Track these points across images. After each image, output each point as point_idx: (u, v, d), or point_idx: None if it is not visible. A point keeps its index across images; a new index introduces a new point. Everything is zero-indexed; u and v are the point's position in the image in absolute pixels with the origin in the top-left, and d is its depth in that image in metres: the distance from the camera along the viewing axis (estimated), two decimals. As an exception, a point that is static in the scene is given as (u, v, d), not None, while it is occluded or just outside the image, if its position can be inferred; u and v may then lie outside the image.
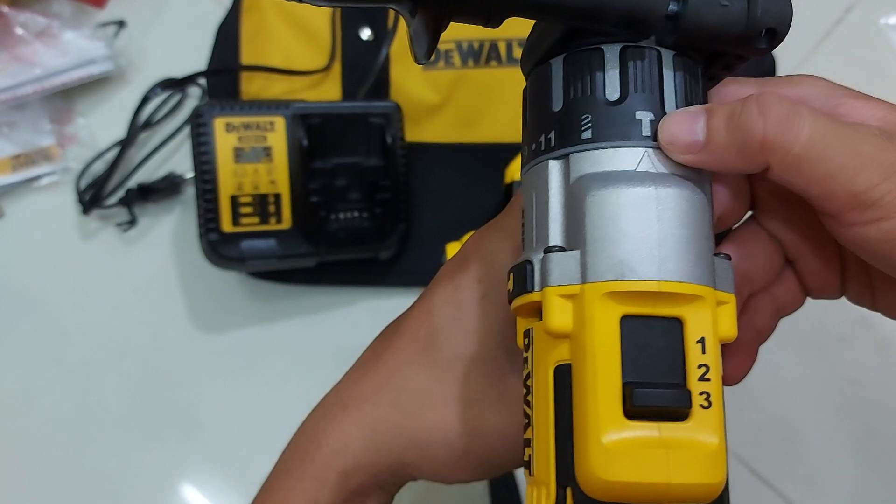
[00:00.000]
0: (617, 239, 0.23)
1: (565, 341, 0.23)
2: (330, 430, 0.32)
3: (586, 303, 0.23)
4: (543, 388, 0.24)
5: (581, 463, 0.22)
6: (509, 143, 0.68)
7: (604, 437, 0.22)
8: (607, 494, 0.22)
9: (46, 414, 0.69)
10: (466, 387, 0.30)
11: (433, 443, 0.30)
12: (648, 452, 0.22)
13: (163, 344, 0.70)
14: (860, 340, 0.66)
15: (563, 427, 0.23)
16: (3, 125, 0.73)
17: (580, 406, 0.22)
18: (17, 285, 0.72)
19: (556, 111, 0.25)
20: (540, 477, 0.24)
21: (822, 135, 0.23)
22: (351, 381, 0.33)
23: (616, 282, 0.22)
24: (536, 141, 0.25)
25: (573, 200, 0.24)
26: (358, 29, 0.69)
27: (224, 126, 0.61)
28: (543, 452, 0.23)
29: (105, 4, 0.77)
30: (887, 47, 0.72)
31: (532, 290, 0.24)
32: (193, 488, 0.67)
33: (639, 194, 0.23)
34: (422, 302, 0.33)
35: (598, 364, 0.22)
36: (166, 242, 0.72)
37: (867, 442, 0.64)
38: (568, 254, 0.23)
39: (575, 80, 0.25)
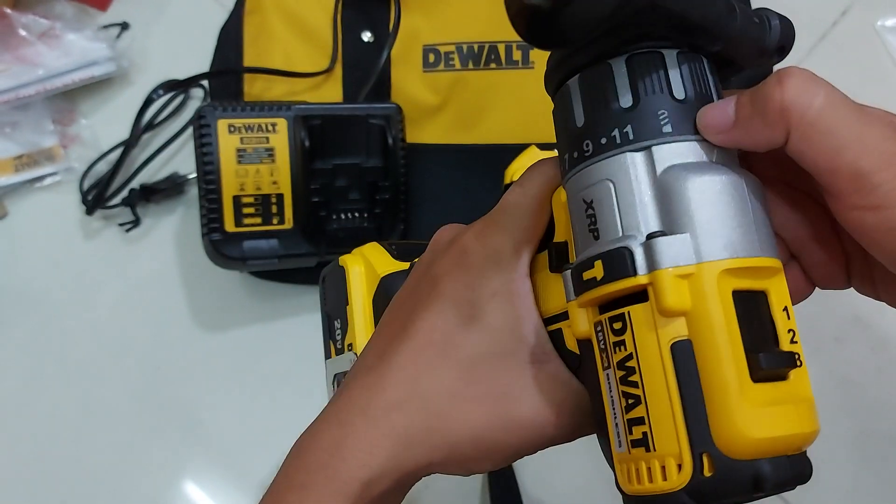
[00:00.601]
0: (724, 221, 0.25)
1: (680, 319, 0.25)
2: (354, 442, 0.31)
3: (706, 281, 0.25)
4: (658, 365, 0.25)
5: (724, 426, 0.24)
6: (508, 145, 0.68)
7: (745, 401, 0.24)
8: (749, 452, 0.24)
9: (49, 412, 0.69)
10: (491, 383, 0.31)
11: (464, 440, 0.31)
12: (780, 409, 0.25)
13: (165, 343, 0.71)
14: (855, 340, 0.67)
15: (692, 399, 0.25)
16: (6, 126, 0.73)
17: (713, 376, 0.24)
18: (20, 284, 0.72)
19: (625, 107, 0.27)
20: (667, 448, 0.25)
21: (835, 107, 0.24)
22: (366, 389, 0.32)
23: (731, 259, 0.25)
24: (607, 135, 0.27)
25: (667, 188, 0.26)
26: (359, 31, 0.70)
27: (227, 127, 0.62)
28: (668, 425, 0.25)
29: (108, 6, 0.77)
30: (883, 49, 0.72)
31: (635, 274, 0.25)
32: (194, 485, 0.68)
33: (733, 181, 0.26)
34: (428, 303, 0.32)
35: (725, 336, 0.24)
36: (169, 242, 0.72)
37: (862, 441, 0.65)
38: (677, 237, 0.25)
39: (643, 78, 0.27)
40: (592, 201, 0.27)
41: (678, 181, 0.25)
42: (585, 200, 0.28)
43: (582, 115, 0.28)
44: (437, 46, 0.69)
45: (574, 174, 0.28)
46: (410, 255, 0.51)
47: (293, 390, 0.68)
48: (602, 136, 0.27)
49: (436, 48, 0.69)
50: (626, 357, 0.26)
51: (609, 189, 0.27)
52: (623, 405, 0.26)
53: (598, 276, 0.26)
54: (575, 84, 0.28)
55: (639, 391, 0.26)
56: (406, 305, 0.34)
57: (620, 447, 0.27)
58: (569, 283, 0.28)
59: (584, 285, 0.27)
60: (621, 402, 0.26)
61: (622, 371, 0.26)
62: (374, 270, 0.49)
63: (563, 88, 0.29)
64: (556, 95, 0.30)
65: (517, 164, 0.61)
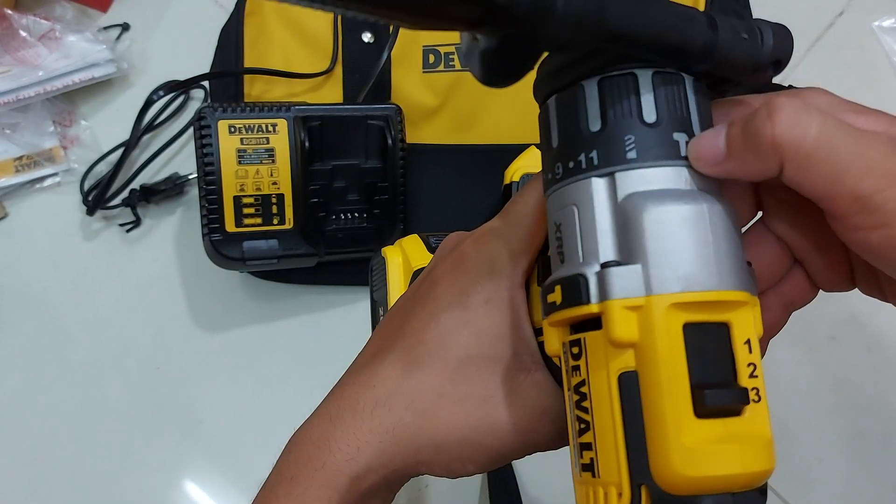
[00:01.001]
0: (678, 253, 0.25)
1: (628, 350, 0.25)
2: (341, 436, 0.32)
3: (654, 314, 0.24)
4: (605, 395, 0.25)
5: (660, 462, 0.24)
6: (506, 145, 0.68)
7: (683, 437, 0.24)
8: (686, 489, 0.24)
9: (49, 411, 0.69)
10: (478, 385, 0.31)
11: (450, 440, 0.31)
12: (723, 447, 0.24)
13: (165, 342, 0.71)
14: (850, 339, 0.67)
15: (633, 430, 0.25)
16: (7, 127, 0.74)
17: (654, 410, 0.24)
18: (21, 285, 0.72)
19: (594, 131, 0.26)
20: (608, 478, 0.25)
21: (830, 135, 0.24)
22: (357, 385, 0.33)
23: (682, 293, 0.24)
24: (574, 160, 0.27)
25: (625, 217, 0.25)
26: (359, 32, 0.70)
27: (227, 128, 0.62)
28: (612, 454, 0.25)
29: (108, 7, 0.78)
30: (880, 50, 0.73)
31: (588, 303, 0.25)
32: (194, 485, 0.68)
33: (693, 211, 0.25)
34: (424, 305, 0.33)
35: (670, 370, 0.24)
36: (169, 242, 0.73)
37: (857, 440, 0.65)
38: (629, 268, 0.25)
39: (613, 102, 0.26)
40: (560, 225, 0.27)
41: (635, 210, 0.25)
42: (556, 223, 0.28)
43: (556, 136, 0.28)
44: (436, 47, 0.70)
45: (549, 195, 0.28)
46: None
47: (293, 390, 0.68)
48: (570, 160, 0.27)
49: (436, 49, 0.70)
50: (580, 382, 0.26)
51: (573, 214, 0.27)
52: (577, 428, 0.27)
53: (557, 300, 0.26)
54: (552, 104, 0.28)
55: (588, 417, 0.26)
56: (405, 306, 0.35)
57: (575, 468, 0.27)
58: (542, 300, 0.28)
59: (547, 307, 0.27)
60: (575, 425, 0.27)
61: (577, 395, 0.26)
62: (409, 263, 0.50)
63: (543, 107, 0.29)
64: (539, 114, 0.30)
65: (516, 165, 0.62)
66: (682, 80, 0.27)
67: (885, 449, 0.65)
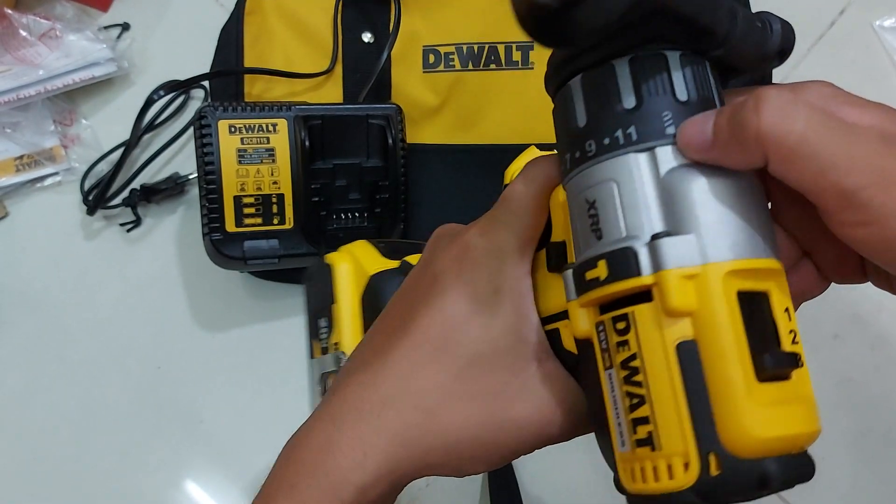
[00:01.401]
0: (728, 222, 0.25)
1: (684, 320, 0.25)
2: (345, 440, 0.30)
3: (712, 281, 0.25)
4: (663, 366, 0.25)
5: (730, 426, 0.24)
6: (508, 145, 0.68)
7: (751, 401, 0.24)
8: (755, 451, 0.24)
9: (49, 411, 0.69)
10: (489, 381, 0.30)
11: (461, 439, 0.30)
12: (783, 409, 0.25)
13: (165, 342, 0.71)
14: (853, 338, 0.67)
15: (697, 398, 0.25)
16: (7, 126, 0.74)
17: (719, 376, 0.25)
18: (21, 285, 0.72)
19: (629, 108, 0.27)
20: (672, 448, 0.25)
21: (816, 130, 0.24)
22: (360, 386, 0.32)
23: (735, 261, 0.25)
24: (609, 136, 0.27)
25: (672, 189, 0.26)
26: (359, 32, 0.70)
27: (227, 128, 0.62)
28: (674, 424, 0.25)
29: (108, 7, 0.77)
30: (881, 49, 0.72)
31: (640, 274, 0.25)
32: (195, 484, 0.68)
33: (737, 182, 0.26)
34: (428, 299, 0.32)
35: (732, 336, 0.25)
36: (169, 242, 0.73)
37: (861, 438, 0.65)
38: (682, 238, 0.25)
39: (646, 80, 0.27)
40: (595, 201, 0.27)
41: (683, 182, 0.26)
42: (588, 200, 0.28)
43: (584, 116, 0.28)
44: (436, 47, 0.69)
45: (576, 174, 0.28)
46: (400, 254, 0.50)
47: (293, 390, 0.68)
48: (605, 137, 0.27)
49: (436, 49, 0.69)
50: (630, 357, 0.26)
51: (612, 189, 0.27)
52: (627, 405, 0.26)
53: (602, 275, 0.26)
54: (577, 84, 0.28)
55: (643, 391, 0.26)
56: (405, 301, 0.34)
57: (623, 447, 0.27)
58: (570, 282, 0.28)
59: (586, 285, 0.27)
60: (625, 401, 0.26)
61: (625, 371, 0.26)
62: (363, 268, 0.49)
63: (564, 88, 0.29)
64: (558, 95, 0.30)
65: (517, 165, 0.62)
66: (704, 63, 0.28)
67: (889, 448, 0.65)
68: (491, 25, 0.69)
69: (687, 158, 0.26)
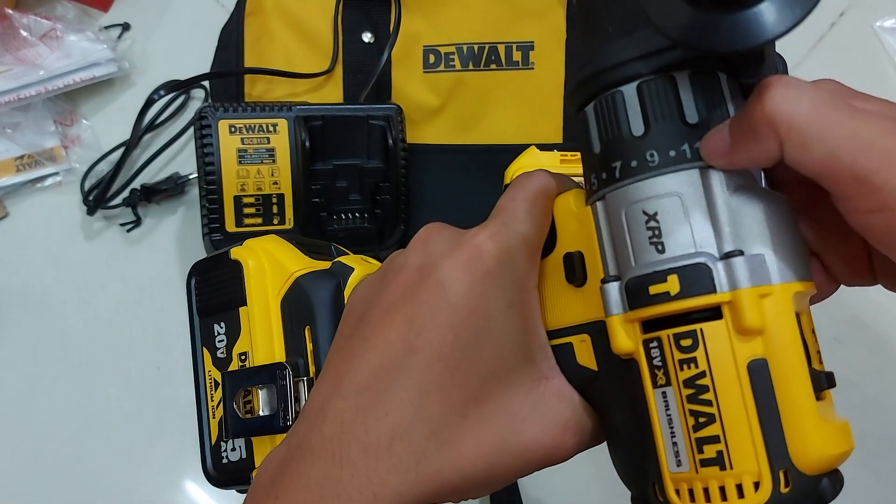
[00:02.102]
0: (790, 244, 0.27)
1: (757, 339, 0.25)
2: (351, 481, 0.27)
3: (783, 302, 0.25)
4: (735, 384, 0.25)
5: (801, 444, 0.25)
6: (508, 145, 0.68)
7: (817, 420, 0.25)
8: (819, 467, 0.25)
9: (49, 411, 0.69)
10: (502, 402, 0.29)
11: (478, 469, 0.28)
12: (841, 427, 0.26)
13: (165, 342, 0.71)
14: (853, 340, 0.67)
15: (769, 417, 0.25)
16: (8, 127, 0.74)
17: (790, 395, 0.25)
18: (21, 285, 0.72)
19: (692, 123, 0.27)
20: (744, 467, 0.25)
21: (824, 112, 0.24)
22: (363, 414, 0.28)
23: (800, 282, 0.26)
24: (676, 149, 0.27)
25: (739, 208, 0.26)
26: (360, 32, 0.70)
27: (228, 128, 0.62)
28: (747, 443, 0.25)
29: (109, 7, 0.77)
30: (882, 50, 0.72)
31: (715, 291, 0.26)
32: (195, 484, 0.68)
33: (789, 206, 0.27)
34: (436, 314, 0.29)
35: (799, 356, 0.25)
36: (170, 242, 0.73)
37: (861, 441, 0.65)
38: (755, 257, 0.26)
39: (708, 98, 0.27)
40: (656, 213, 0.27)
41: (751, 201, 0.26)
42: (647, 212, 0.27)
43: (641, 125, 0.27)
44: (437, 47, 0.70)
45: (628, 184, 0.27)
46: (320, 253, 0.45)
47: (294, 390, 0.68)
48: (671, 149, 0.27)
49: (436, 49, 0.70)
50: (698, 375, 0.26)
51: (678, 202, 0.27)
52: (691, 424, 0.26)
53: (673, 290, 0.26)
54: (632, 91, 0.27)
55: (713, 409, 0.26)
56: (402, 312, 0.29)
57: (681, 466, 0.26)
58: (613, 296, 0.28)
59: (649, 299, 0.26)
60: (688, 420, 0.26)
61: (690, 389, 0.26)
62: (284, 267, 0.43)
63: (612, 94, 0.28)
64: (601, 101, 0.28)
65: (517, 165, 0.62)
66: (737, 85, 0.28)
67: (888, 450, 0.65)
68: (491, 25, 0.69)
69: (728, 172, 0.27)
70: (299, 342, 0.41)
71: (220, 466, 0.45)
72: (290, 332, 0.42)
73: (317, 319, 0.41)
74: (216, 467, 0.45)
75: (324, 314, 0.40)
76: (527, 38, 0.69)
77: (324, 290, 0.40)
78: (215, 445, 0.46)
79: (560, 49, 0.69)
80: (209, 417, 0.47)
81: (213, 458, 0.46)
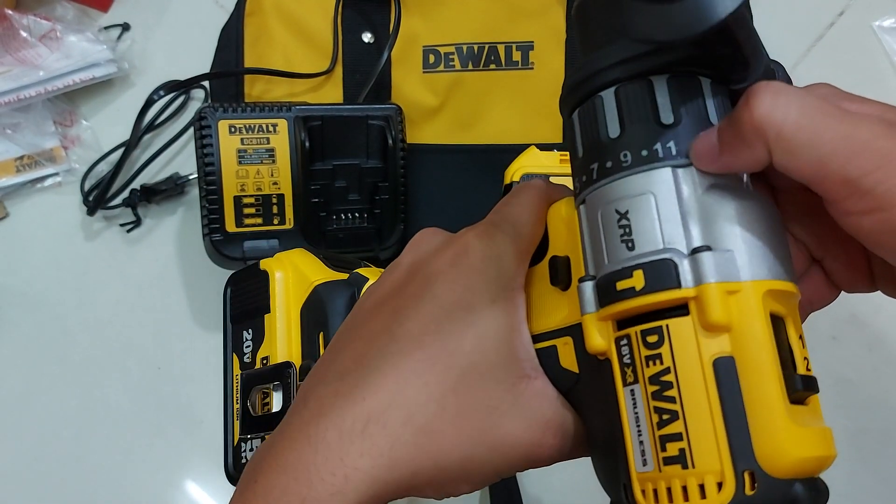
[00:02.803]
0: (765, 243, 0.26)
1: (723, 335, 0.25)
2: (324, 463, 0.27)
3: (752, 298, 0.25)
4: (699, 381, 0.25)
5: (768, 444, 0.24)
6: (508, 145, 0.68)
7: (789, 419, 0.24)
8: (790, 471, 0.24)
9: (49, 411, 0.69)
10: (481, 395, 0.28)
11: (453, 459, 0.28)
12: (811, 431, 0.25)
13: (165, 342, 0.71)
14: (851, 339, 0.67)
15: (734, 416, 0.24)
16: (8, 127, 0.74)
17: (758, 394, 0.24)
18: (21, 285, 0.72)
19: (667, 124, 0.27)
20: (706, 466, 0.25)
21: (812, 117, 0.23)
22: (341, 397, 0.28)
23: (773, 281, 0.25)
24: (648, 148, 0.27)
25: (711, 206, 0.26)
26: (359, 33, 0.70)
27: (227, 128, 0.62)
28: (710, 442, 0.25)
29: (108, 8, 0.78)
30: (880, 50, 0.73)
31: (680, 286, 0.25)
32: (195, 484, 0.68)
33: (768, 205, 0.27)
34: (420, 304, 0.30)
35: (769, 355, 0.24)
36: (169, 242, 0.73)
37: (858, 439, 0.65)
38: (723, 253, 0.25)
39: (685, 100, 0.27)
40: (628, 212, 0.27)
41: (723, 199, 0.26)
42: (619, 211, 0.27)
43: (617, 127, 0.28)
44: (436, 47, 0.70)
45: (603, 185, 0.28)
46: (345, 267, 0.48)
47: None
48: (643, 149, 0.27)
49: (436, 49, 0.70)
50: (662, 371, 0.26)
51: (650, 200, 0.27)
52: (655, 421, 0.26)
53: (638, 285, 0.26)
54: (610, 96, 0.28)
55: (676, 406, 0.25)
56: (389, 305, 0.31)
57: (646, 465, 0.26)
58: (587, 294, 0.28)
59: (615, 295, 0.26)
60: (652, 418, 0.26)
61: (656, 386, 0.26)
62: (306, 277, 0.46)
63: (593, 100, 0.29)
64: (584, 106, 0.29)
65: (517, 165, 0.62)
66: (727, 93, 0.28)
67: (886, 448, 0.65)
68: (491, 25, 0.69)
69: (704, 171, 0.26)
70: (314, 346, 0.44)
71: (239, 466, 0.47)
72: (306, 337, 0.46)
73: (330, 325, 0.44)
74: (235, 466, 0.48)
75: (337, 321, 0.43)
76: (526, 38, 0.69)
77: (339, 298, 0.43)
78: (236, 446, 0.48)
79: (560, 49, 0.69)
80: (233, 419, 0.48)
81: (234, 458, 0.48)
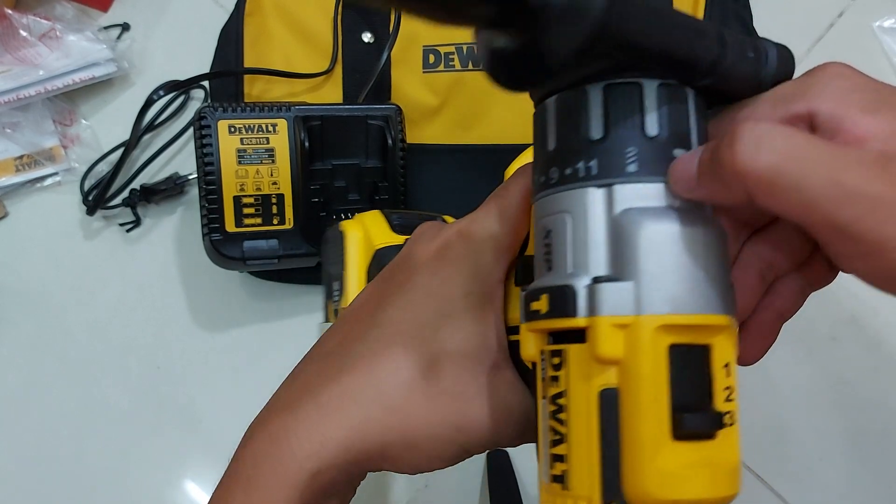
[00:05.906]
0: (670, 274, 0.24)
1: (612, 368, 0.24)
2: (303, 432, 0.30)
3: (642, 334, 0.24)
4: (584, 409, 0.25)
5: (633, 482, 0.24)
6: (507, 145, 0.68)
7: (658, 460, 0.24)
8: None
9: (49, 411, 0.70)
10: (451, 381, 0.30)
11: (420, 437, 0.30)
12: (695, 471, 0.24)
13: (165, 342, 0.71)
14: (850, 340, 0.67)
15: (609, 448, 0.24)
16: (7, 126, 0.74)
17: (632, 430, 0.24)
18: (21, 285, 0.72)
19: (595, 139, 0.25)
20: (579, 492, 0.25)
21: (798, 161, 0.22)
22: (323, 376, 0.31)
23: (671, 315, 0.24)
24: (571, 166, 0.26)
25: (621, 231, 0.25)
26: (359, 32, 0.70)
27: (227, 128, 0.62)
28: (585, 469, 0.25)
29: (108, 7, 0.78)
30: (880, 50, 0.73)
31: (575, 316, 0.25)
32: (194, 484, 0.68)
33: (688, 233, 0.25)
34: (401, 293, 0.32)
35: (652, 392, 0.24)
36: (169, 242, 0.73)
37: (857, 439, 0.65)
38: (620, 285, 0.24)
39: (616, 111, 0.25)
40: (550, 232, 0.26)
41: (631, 226, 0.24)
42: (545, 228, 0.27)
43: (554, 140, 0.27)
44: (436, 47, 0.70)
45: (540, 198, 0.27)
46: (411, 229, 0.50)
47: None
48: (567, 167, 0.26)
49: (436, 49, 0.70)
50: (559, 394, 0.26)
51: (565, 222, 0.26)
52: (550, 439, 0.26)
53: (543, 309, 0.26)
54: (552, 105, 0.27)
55: (564, 429, 0.25)
56: (378, 292, 0.33)
57: (544, 477, 0.27)
58: (522, 304, 0.28)
59: (530, 314, 0.27)
60: (549, 434, 0.26)
61: (553, 406, 0.26)
62: (371, 241, 0.48)
63: (541, 106, 0.28)
64: (535, 113, 0.28)
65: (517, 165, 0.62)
66: (685, 95, 0.26)
67: (885, 448, 0.65)
68: (490, 26, 0.69)
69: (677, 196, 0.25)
70: None
71: None
72: None
73: None
74: None
75: None
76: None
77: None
78: None
79: (559, 49, 0.69)
80: None
81: None
